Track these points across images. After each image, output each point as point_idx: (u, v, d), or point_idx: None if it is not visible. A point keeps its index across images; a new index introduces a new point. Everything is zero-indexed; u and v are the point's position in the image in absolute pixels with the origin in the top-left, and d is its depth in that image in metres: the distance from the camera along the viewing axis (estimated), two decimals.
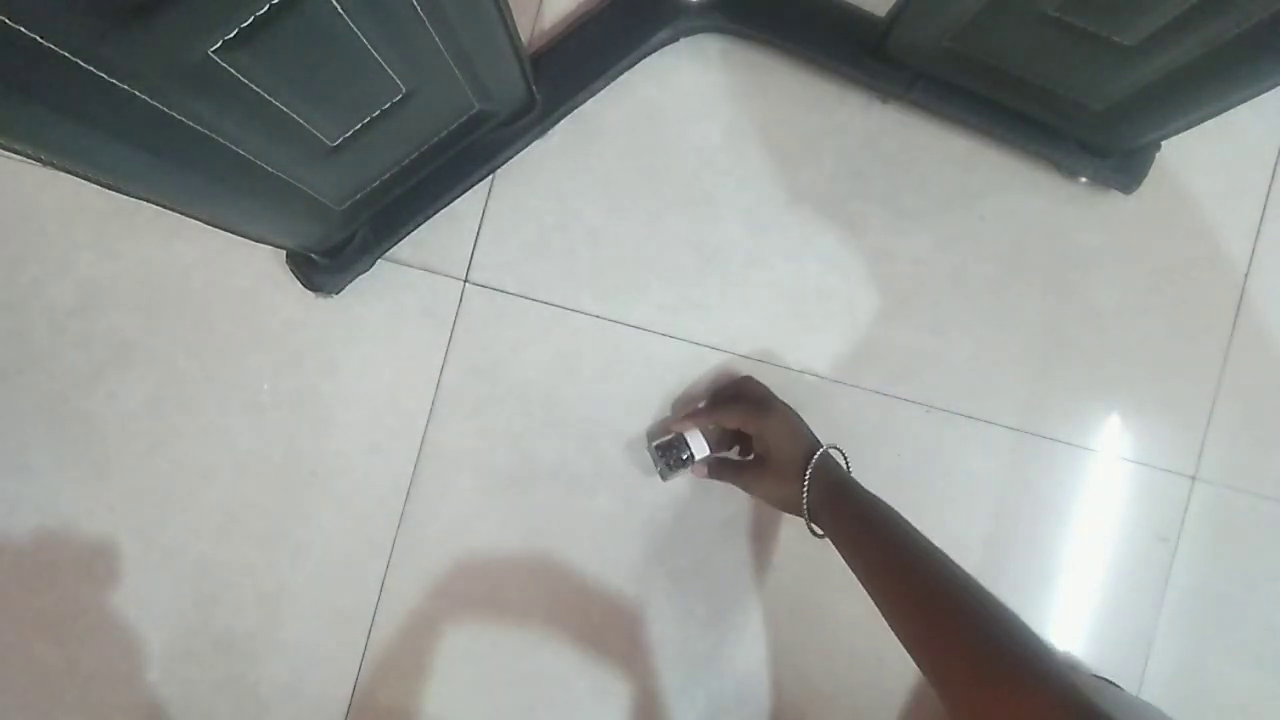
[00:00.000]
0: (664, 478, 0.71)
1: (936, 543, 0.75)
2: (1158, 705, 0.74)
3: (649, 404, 0.74)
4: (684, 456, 0.70)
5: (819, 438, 0.67)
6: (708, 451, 0.71)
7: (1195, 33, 0.54)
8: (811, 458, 0.62)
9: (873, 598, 0.54)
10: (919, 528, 0.74)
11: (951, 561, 0.53)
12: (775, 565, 0.74)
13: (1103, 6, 0.54)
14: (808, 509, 0.61)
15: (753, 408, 0.67)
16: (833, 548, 0.59)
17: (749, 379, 0.72)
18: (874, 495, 0.60)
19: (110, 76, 0.37)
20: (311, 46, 0.44)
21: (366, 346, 0.73)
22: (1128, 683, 0.76)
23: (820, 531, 0.62)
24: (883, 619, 0.53)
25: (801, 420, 0.67)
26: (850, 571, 0.57)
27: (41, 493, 0.72)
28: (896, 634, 0.51)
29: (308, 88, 0.47)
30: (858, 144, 0.76)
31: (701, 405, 0.73)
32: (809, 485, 0.61)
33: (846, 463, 0.66)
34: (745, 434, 0.67)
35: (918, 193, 0.76)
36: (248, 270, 0.73)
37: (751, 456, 0.69)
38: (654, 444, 0.71)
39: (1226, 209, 0.78)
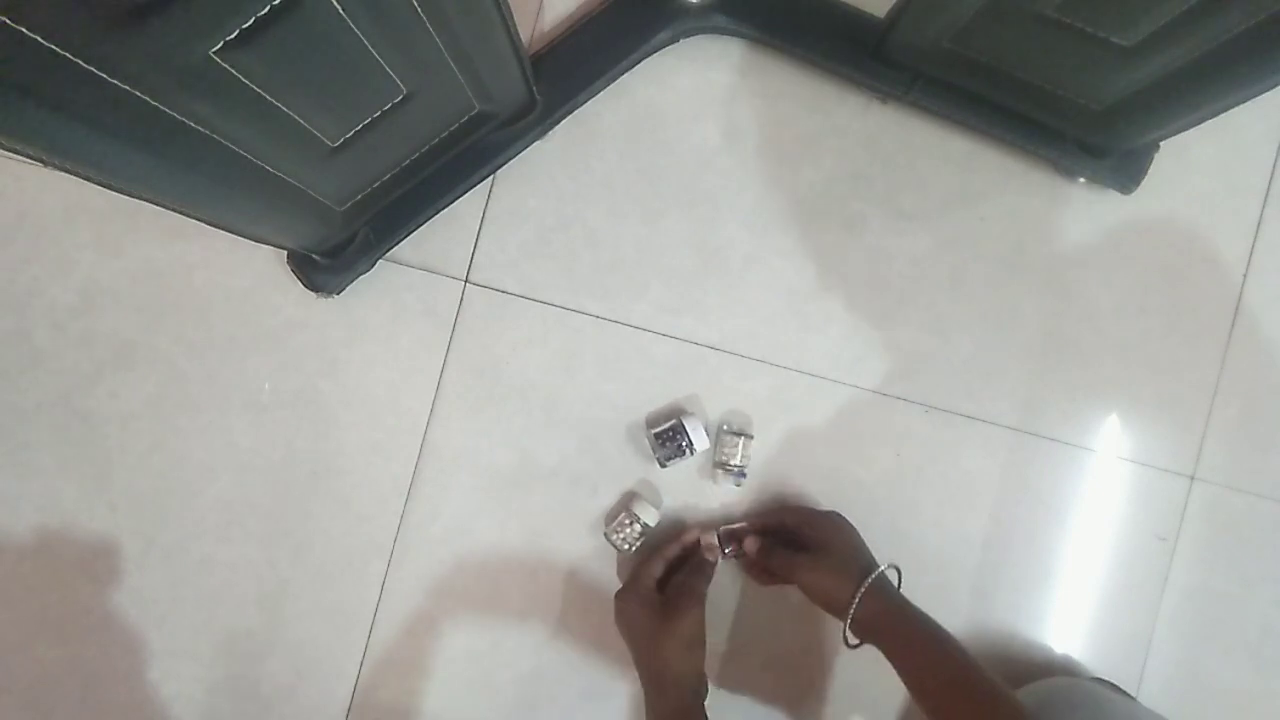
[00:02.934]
0: (662, 465, 0.71)
1: (936, 542, 0.75)
2: (1156, 705, 0.75)
3: (648, 403, 0.74)
4: (682, 444, 0.70)
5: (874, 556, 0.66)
6: (706, 440, 0.71)
7: (1194, 33, 0.54)
8: (869, 573, 0.62)
9: (924, 710, 0.57)
10: (918, 527, 0.75)
11: (1006, 693, 0.55)
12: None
13: (1102, 7, 0.54)
14: (853, 620, 0.61)
15: (817, 511, 0.70)
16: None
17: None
18: (930, 620, 0.60)
19: (111, 77, 0.37)
20: (312, 47, 0.44)
21: (367, 346, 0.73)
22: (1126, 682, 0.76)
23: (855, 641, 0.62)
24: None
25: (859, 535, 0.68)
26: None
27: (43, 492, 0.72)
28: None
29: (308, 88, 0.47)
30: (857, 144, 0.76)
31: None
32: (861, 598, 0.61)
33: (900, 579, 0.65)
34: (799, 539, 0.67)
35: (917, 193, 0.77)
36: (249, 270, 0.73)
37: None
38: (653, 431, 0.71)
39: (1225, 209, 0.79)
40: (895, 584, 0.65)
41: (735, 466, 0.72)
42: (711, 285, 0.75)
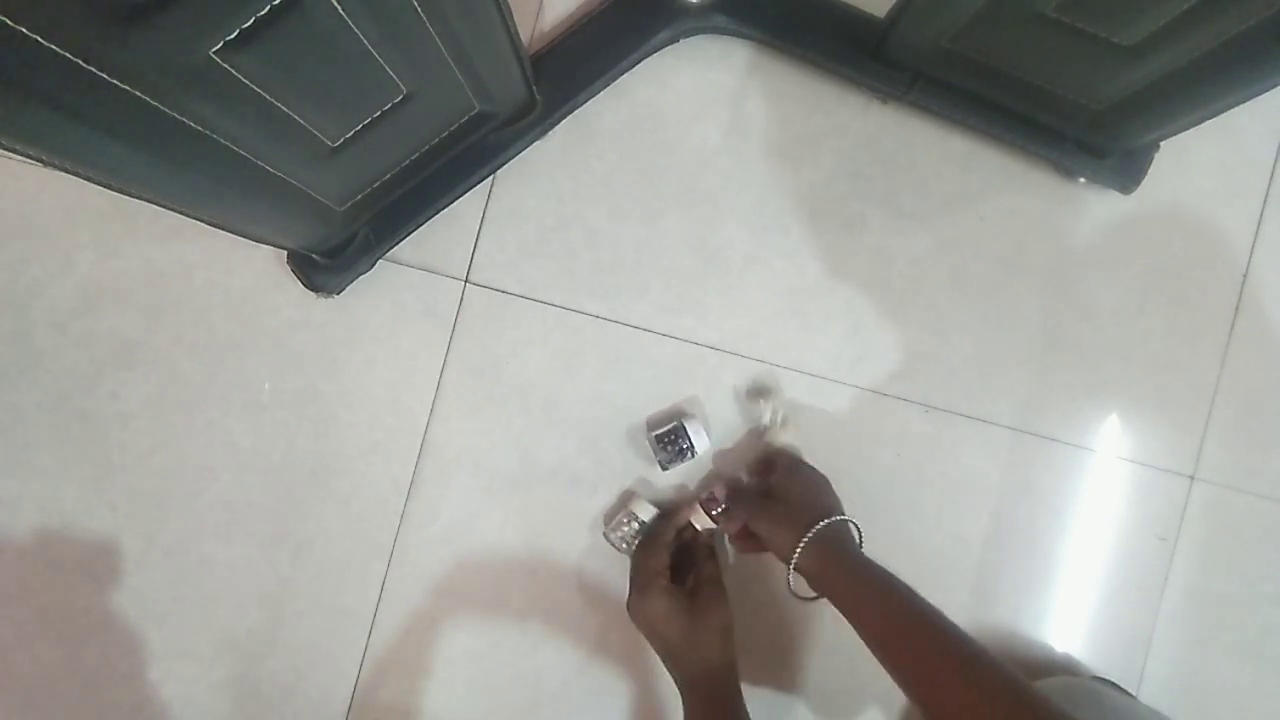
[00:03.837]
0: (664, 468, 0.71)
1: (936, 542, 0.75)
2: (1156, 705, 0.75)
3: (648, 403, 0.74)
4: (684, 446, 0.70)
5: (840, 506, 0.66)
6: (707, 442, 0.71)
7: (1194, 33, 0.54)
8: (822, 519, 0.61)
9: (879, 660, 0.55)
10: (918, 527, 0.75)
11: (954, 633, 0.53)
12: (774, 564, 0.75)
13: (1102, 7, 0.54)
14: (801, 570, 0.60)
15: (788, 462, 0.70)
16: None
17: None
18: (884, 570, 0.58)
19: (111, 77, 0.37)
20: (312, 47, 0.44)
21: (367, 346, 0.73)
22: (1126, 682, 0.76)
23: (807, 594, 0.61)
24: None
25: (832, 491, 0.67)
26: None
27: (43, 492, 0.72)
28: (907, 696, 0.53)
29: (308, 88, 0.47)
30: (857, 144, 0.76)
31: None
32: (807, 546, 0.60)
33: (860, 536, 0.64)
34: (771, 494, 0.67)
35: (917, 193, 0.77)
36: (249, 270, 0.73)
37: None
38: (654, 433, 0.71)
39: (1225, 209, 0.79)
40: (854, 536, 0.63)
41: (769, 424, 0.72)
42: (711, 285, 0.75)
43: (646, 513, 0.71)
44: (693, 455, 0.71)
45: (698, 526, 0.70)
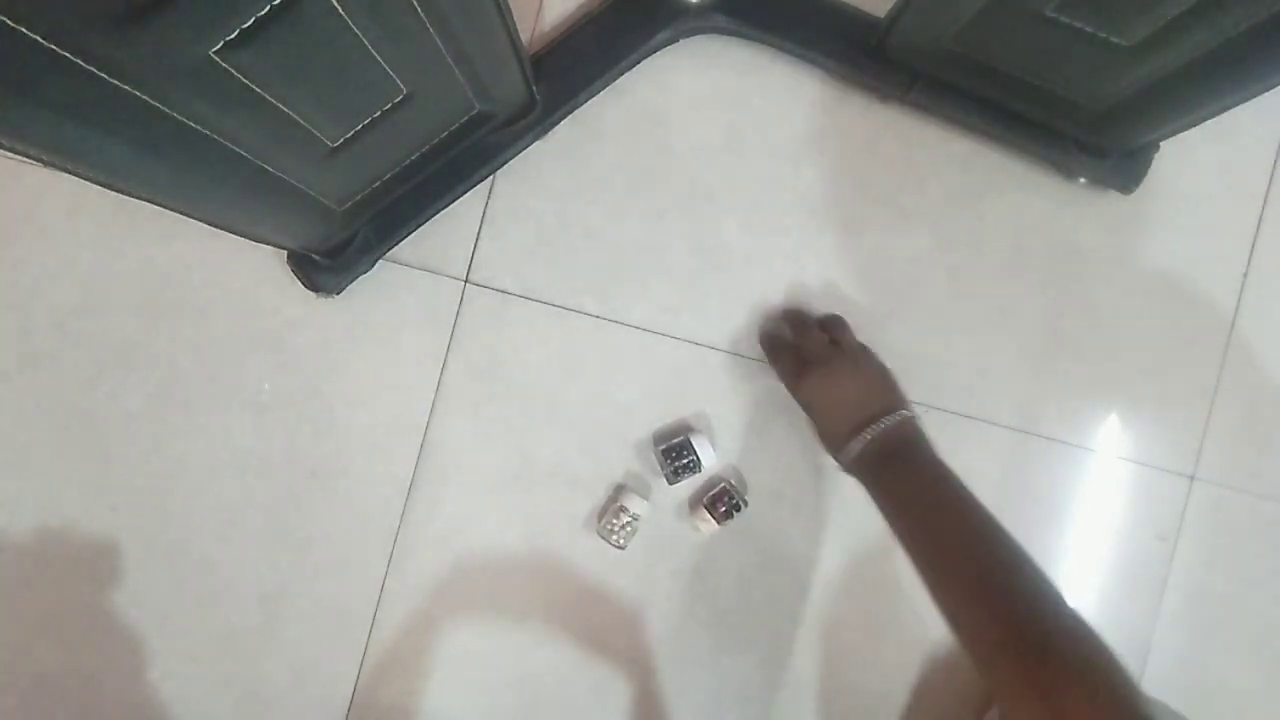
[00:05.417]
0: (670, 482, 0.72)
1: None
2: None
3: (649, 404, 0.74)
4: (690, 461, 0.70)
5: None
6: (713, 456, 0.71)
7: (1194, 33, 0.54)
8: (894, 411, 0.60)
9: (919, 574, 0.53)
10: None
11: (1011, 551, 0.51)
12: (775, 566, 0.75)
13: (1101, 7, 0.54)
14: (859, 454, 0.59)
15: (852, 338, 0.69)
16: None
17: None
18: (951, 473, 0.57)
19: (110, 77, 0.37)
20: (312, 47, 0.44)
21: (367, 347, 0.73)
22: None
23: (852, 472, 0.60)
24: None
25: (897, 386, 0.66)
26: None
27: (42, 492, 0.72)
28: (943, 615, 0.51)
29: (308, 88, 0.47)
30: (857, 144, 0.76)
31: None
32: (876, 432, 0.58)
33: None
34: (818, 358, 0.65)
35: (917, 193, 0.77)
36: (249, 270, 0.73)
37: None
38: (660, 447, 0.71)
39: (1225, 209, 0.79)
40: (927, 443, 0.60)
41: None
42: (711, 285, 0.75)
43: (637, 504, 0.71)
44: (699, 470, 0.71)
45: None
